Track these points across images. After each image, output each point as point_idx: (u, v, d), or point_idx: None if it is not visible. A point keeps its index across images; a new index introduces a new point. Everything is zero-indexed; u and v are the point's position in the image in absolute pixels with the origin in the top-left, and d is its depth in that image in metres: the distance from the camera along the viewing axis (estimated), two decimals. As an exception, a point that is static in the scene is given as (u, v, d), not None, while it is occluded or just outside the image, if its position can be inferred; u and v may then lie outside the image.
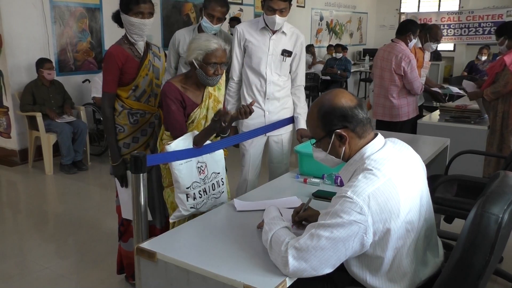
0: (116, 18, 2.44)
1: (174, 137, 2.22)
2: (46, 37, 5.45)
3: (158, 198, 2.55)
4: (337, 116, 1.45)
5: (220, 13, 2.90)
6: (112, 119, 2.45)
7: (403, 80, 4.02)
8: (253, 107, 2.16)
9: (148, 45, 2.51)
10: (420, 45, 4.53)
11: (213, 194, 2.28)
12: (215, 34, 3.05)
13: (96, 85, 5.37)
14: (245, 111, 2.15)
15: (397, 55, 3.97)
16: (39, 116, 4.95)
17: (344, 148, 1.48)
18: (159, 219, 2.61)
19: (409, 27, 4.10)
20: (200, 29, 3.07)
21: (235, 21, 7.21)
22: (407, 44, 4.08)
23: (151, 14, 2.39)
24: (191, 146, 2.16)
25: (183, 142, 2.14)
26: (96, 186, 4.76)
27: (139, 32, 2.40)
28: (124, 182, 2.51)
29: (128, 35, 2.43)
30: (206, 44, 2.12)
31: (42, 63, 5.06)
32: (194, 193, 2.17)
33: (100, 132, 5.81)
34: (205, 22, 2.92)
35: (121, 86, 2.43)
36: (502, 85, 3.75)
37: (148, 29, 2.41)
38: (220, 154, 2.34)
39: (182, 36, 3.15)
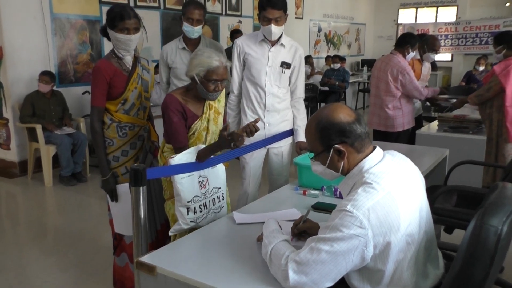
0: (104, 32, 2.45)
1: (176, 148, 2.23)
2: (46, 49, 5.48)
3: (148, 211, 2.55)
4: (335, 132, 1.46)
5: (198, 15, 3.07)
6: (101, 133, 2.46)
7: (403, 91, 4.06)
8: (252, 118, 2.16)
9: (136, 59, 2.52)
10: (418, 57, 4.58)
11: (213, 208, 2.28)
12: (198, 38, 3.12)
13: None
14: (251, 130, 2.14)
15: (393, 69, 4.03)
16: (38, 128, 4.96)
17: (342, 162, 1.49)
18: (149, 232, 2.60)
19: (408, 40, 4.15)
20: (185, 37, 3.14)
21: (238, 33, 7.15)
22: (404, 56, 4.13)
23: (137, 30, 2.39)
24: (194, 160, 2.16)
25: (186, 156, 2.15)
26: (96, 198, 4.75)
27: (125, 48, 2.40)
28: (114, 197, 2.50)
29: (115, 50, 2.44)
30: (208, 61, 2.13)
31: (40, 74, 5.09)
32: (194, 207, 2.17)
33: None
34: (185, 26, 3.09)
35: (110, 99, 2.45)
36: (485, 89, 3.79)
37: (135, 44, 2.42)
38: (221, 169, 2.35)
39: (170, 48, 3.25)
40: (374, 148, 1.51)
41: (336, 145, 1.46)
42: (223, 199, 2.34)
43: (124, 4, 6.02)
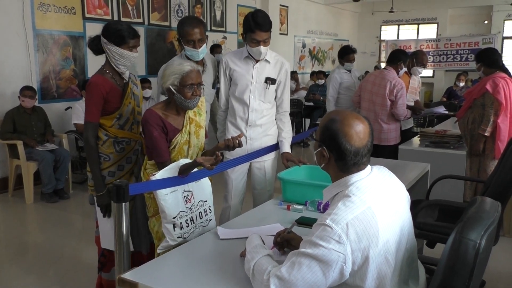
0: (94, 45, 2.45)
1: (159, 163, 2.22)
2: (28, 65, 5.43)
3: (143, 224, 2.53)
4: (331, 139, 1.46)
5: (199, 34, 2.76)
6: (96, 148, 2.45)
7: (392, 104, 4.24)
8: (234, 133, 2.18)
9: None
10: (405, 70, 4.79)
11: (201, 222, 2.27)
12: (202, 59, 2.96)
13: (76, 111, 5.36)
14: (233, 145, 2.20)
15: (391, 82, 4.22)
16: (19, 144, 4.88)
17: (323, 164, 1.52)
18: (145, 244, 2.59)
19: (400, 57, 4.39)
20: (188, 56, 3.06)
21: (218, 47, 7.30)
22: (397, 72, 4.36)
23: (137, 47, 2.48)
24: (176, 175, 2.16)
25: (168, 173, 2.14)
26: (78, 215, 4.69)
27: (127, 64, 2.45)
28: (108, 212, 2.48)
29: (114, 65, 2.45)
30: (179, 67, 2.19)
31: (21, 90, 5.03)
32: (181, 223, 2.16)
33: (82, 159, 5.75)
34: (188, 51, 2.79)
35: (104, 115, 2.44)
36: (494, 114, 3.82)
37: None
38: (206, 182, 2.35)
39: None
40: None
41: (324, 147, 1.48)
42: (210, 212, 2.33)
43: (124, 21, 6.02)
